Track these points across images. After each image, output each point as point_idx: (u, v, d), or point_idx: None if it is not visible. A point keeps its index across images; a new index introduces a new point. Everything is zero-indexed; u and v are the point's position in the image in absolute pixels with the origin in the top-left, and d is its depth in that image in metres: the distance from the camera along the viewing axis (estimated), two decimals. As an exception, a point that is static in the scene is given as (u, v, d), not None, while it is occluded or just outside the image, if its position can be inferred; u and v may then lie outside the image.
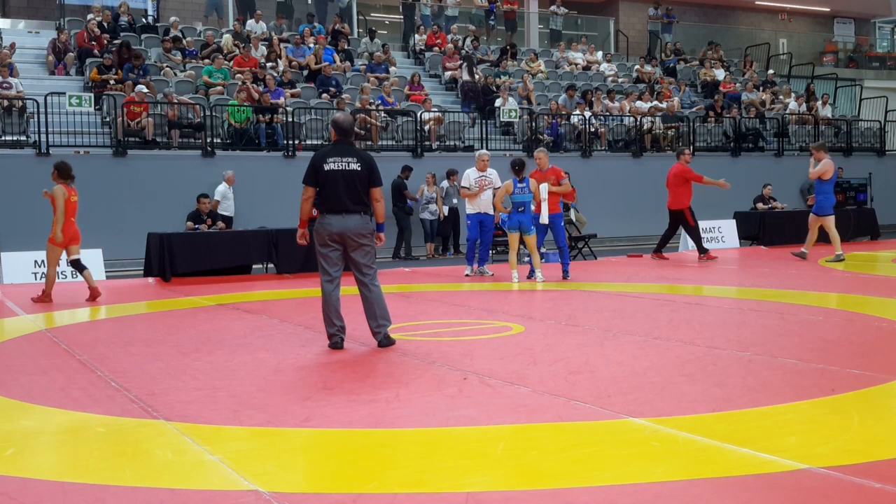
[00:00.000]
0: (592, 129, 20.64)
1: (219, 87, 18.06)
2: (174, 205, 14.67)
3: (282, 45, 20.52)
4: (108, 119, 16.69)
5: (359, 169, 6.90)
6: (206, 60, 19.07)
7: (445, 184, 17.92)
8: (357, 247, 6.93)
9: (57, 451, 4.57)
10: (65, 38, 18.71)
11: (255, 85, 18.02)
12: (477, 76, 21.27)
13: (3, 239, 13.78)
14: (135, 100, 16.09)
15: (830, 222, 14.23)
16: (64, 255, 11.08)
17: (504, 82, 21.20)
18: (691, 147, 21.46)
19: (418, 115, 18.78)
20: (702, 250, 14.84)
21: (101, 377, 6.16)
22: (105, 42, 18.75)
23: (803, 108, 24.23)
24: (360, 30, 24.31)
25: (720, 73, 25.22)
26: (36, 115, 15.45)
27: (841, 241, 14.37)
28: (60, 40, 18.63)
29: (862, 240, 19.03)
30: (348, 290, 7.33)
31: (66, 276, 13.31)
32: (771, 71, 26.79)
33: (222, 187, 15.77)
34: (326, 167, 6.84)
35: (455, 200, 17.94)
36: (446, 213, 17.81)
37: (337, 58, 20.70)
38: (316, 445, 4.54)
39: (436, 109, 19.48)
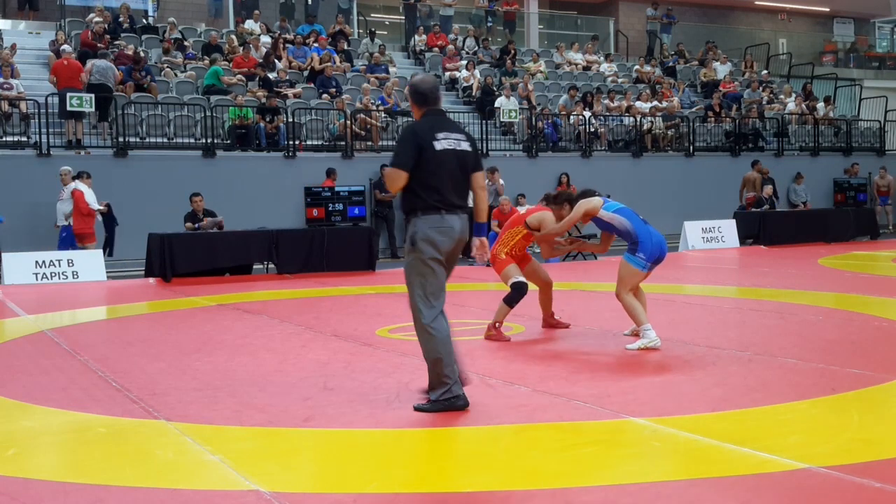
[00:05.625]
0: (592, 130, 20.63)
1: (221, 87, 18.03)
2: (174, 205, 14.64)
3: (284, 45, 20.49)
4: (108, 119, 16.67)
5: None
6: (207, 61, 19.03)
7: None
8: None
9: (58, 452, 4.58)
10: (61, 38, 18.67)
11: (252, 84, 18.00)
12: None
13: (3, 239, 13.77)
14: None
15: None
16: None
17: (504, 82, 21.19)
18: (691, 147, 21.50)
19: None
20: None
21: (102, 378, 6.17)
22: (106, 43, 18.72)
23: (802, 107, 24.22)
24: (360, 30, 24.29)
25: (722, 71, 25.17)
26: (37, 116, 15.44)
27: (840, 240, 14.30)
28: (60, 41, 18.60)
29: (862, 239, 19.03)
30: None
31: (66, 277, 13.31)
32: (765, 72, 26.76)
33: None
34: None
35: None
36: None
37: (337, 58, 20.70)
38: (316, 445, 4.54)
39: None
